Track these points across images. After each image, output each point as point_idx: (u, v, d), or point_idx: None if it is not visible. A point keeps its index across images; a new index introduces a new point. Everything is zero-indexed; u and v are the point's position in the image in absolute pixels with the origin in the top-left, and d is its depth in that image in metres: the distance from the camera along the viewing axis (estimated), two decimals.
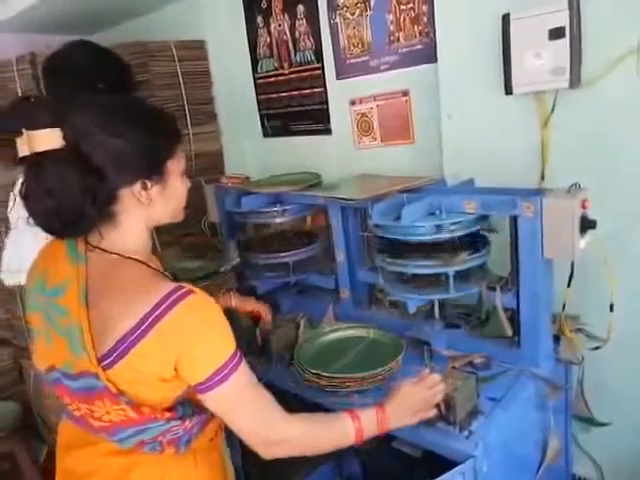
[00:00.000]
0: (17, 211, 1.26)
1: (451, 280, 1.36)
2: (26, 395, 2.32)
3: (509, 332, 1.36)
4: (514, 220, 1.26)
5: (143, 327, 0.84)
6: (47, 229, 0.90)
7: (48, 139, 0.83)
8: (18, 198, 0.90)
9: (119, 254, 0.93)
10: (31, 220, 0.89)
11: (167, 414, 0.92)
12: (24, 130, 0.84)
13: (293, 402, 1.48)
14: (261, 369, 1.46)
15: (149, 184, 0.92)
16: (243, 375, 0.92)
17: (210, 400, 0.90)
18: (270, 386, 1.43)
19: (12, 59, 2.08)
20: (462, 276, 1.39)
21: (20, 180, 0.90)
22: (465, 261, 1.34)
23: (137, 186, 0.90)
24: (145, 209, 0.93)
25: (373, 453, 1.43)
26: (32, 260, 1.03)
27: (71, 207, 0.85)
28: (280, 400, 0.99)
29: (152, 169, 0.92)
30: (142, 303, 0.85)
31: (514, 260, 1.31)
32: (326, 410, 1.30)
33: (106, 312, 0.87)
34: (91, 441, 0.98)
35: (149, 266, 0.95)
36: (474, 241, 1.40)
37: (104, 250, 0.93)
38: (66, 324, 0.89)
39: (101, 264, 0.92)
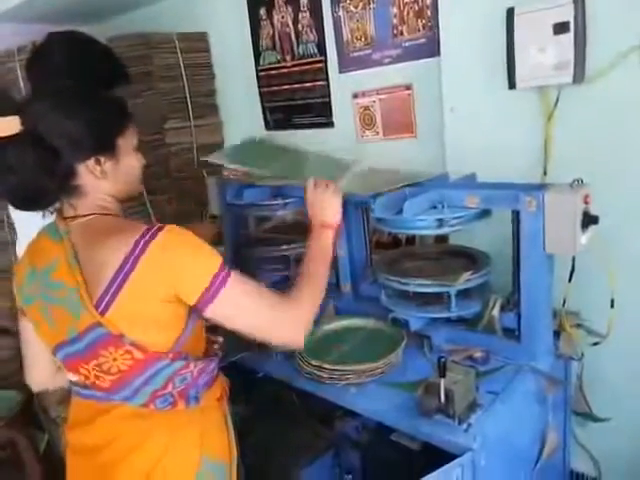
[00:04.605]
0: None
1: (453, 299, 1.38)
2: (26, 384, 2.33)
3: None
4: (516, 215, 1.26)
5: (130, 263, 0.92)
6: (12, 203, 1.00)
7: (7, 126, 0.92)
8: None
9: (95, 213, 1.02)
10: None
11: (171, 354, 0.99)
12: None
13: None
14: (261, 361, 1.47)
15: (102, 159, 1.01)
16: (237, 279, 0.99)
17: (217, 310, 0.97)
18: (270, 378, 1.46)
19: (13, 49, 2.07)
20: (464, 293, 1.41)
21: None
22: (467, 280, 1.36)
23: (91, 162, 1.00)
24: (102, 182, 1.02)
25: (372, 445, 1.43)
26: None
27: (31, 182, 0.95)
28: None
29: (103, 146, 1.01)
30: (123, 244, 0.93)
31: (515, 255, 1.31)
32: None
33: (94, 262, 0.96)
34: (104, 410, 1.03)
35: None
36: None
37: (81, 216, 1.02)
38: (63, 294, 0.98)
39: (82, 228, 1.01)
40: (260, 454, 1.35)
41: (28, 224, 1.32)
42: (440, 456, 1.09)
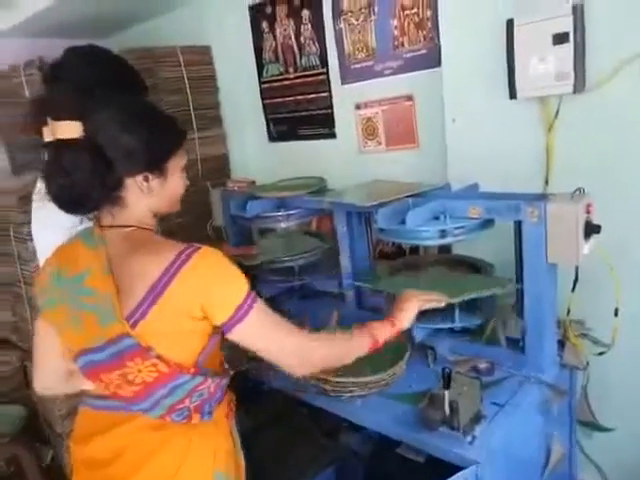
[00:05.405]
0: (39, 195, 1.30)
1: (457, 309, 1.38)
2: (31, 398, 2.33)
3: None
4: (518, 225, 1.26)
5: (166, 278, 0.94)
6: (59, 204, 1.00)
7: (70, 129, 0.94)
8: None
9: (135, 226, 1.04)
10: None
11: (192, 369, 1.01)
12: (49, 119, 0.94)
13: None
14: (265, 374, 1.46)
15: (150, 177, 1.03)
16: (262, 308, 1.02)
17: (240, 334, 1.00)
18: (275, 390, 1.46)
19: (20, 64, 2.10)
20: (468, 303, 1.40)
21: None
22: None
23: (140, 178, 1.02)
24: (146, 197, 1.04)
25: (377, 458, 1.42)
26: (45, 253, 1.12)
27: (82, 187, 0.96)
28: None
29: (155, 165, 1.03)
30: (162, 260, 0.96)
31: (518, 265, 1.31)
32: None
33: (129, 274, 0.97)
34: (121, 420, 1.04)
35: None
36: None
37: (119, 226, 1.04)
38: (94, 301, 0.98)
39: (118, 238, 1.03)
40: (265, 467, 1.34)
41: (47, 241, 1.31)
42: (446, 468, 1.08)
